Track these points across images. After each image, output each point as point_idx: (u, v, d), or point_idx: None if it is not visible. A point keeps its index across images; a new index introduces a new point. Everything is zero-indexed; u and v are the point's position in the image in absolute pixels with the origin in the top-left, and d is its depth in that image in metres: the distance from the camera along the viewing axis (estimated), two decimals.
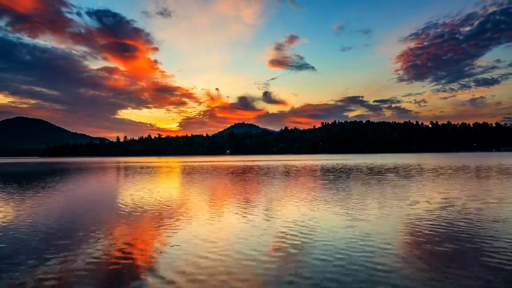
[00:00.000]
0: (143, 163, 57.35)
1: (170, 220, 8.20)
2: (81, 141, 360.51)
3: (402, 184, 15.91)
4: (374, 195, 12.02)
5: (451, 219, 7.83)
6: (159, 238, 6.52)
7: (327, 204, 10.19)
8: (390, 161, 49.86)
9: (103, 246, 5.96)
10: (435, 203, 10.11)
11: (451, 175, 20.68)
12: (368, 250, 5.53)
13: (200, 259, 5.19)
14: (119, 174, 27.59)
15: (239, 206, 10.20)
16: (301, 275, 4.50)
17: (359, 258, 5.12)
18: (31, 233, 7.02)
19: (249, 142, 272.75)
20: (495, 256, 5.13)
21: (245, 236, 6.56)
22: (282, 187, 15.35)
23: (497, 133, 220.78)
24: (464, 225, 7.26)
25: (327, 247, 5.76)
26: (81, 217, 8.78)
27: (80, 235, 6.83)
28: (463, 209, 9.14)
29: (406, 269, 4.64)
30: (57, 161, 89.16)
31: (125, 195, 13.42)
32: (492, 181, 16.60)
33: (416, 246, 5.76)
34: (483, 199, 10.88)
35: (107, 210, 9.79)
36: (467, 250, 5.46)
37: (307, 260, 5.10)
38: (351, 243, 5.95)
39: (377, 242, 5.98)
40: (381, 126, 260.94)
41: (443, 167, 30.54)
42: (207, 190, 14.49)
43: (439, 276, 4.39)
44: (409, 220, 7.80)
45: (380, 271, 4.60)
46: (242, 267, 4.83)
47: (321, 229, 7.02)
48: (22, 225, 7.83)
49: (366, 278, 4.37)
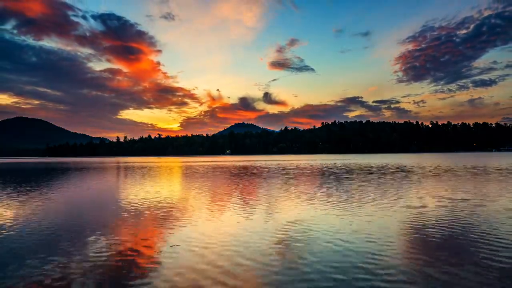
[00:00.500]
0: (144, 163, 57.35)
1: (171, 220, 8.19)
2: (81, 141, 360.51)
3: (402, 183, 15.92)
4: (374, 195, 12.03)
5: (452, 218, 7.83)
6: (159, 238, 6.51)
7: (327, 204, 10.18)
8: (390, 161, 49.86)
9: (104, 246, 5.96)
10: (437, 202, 10.12)
11: (456, 175, 20.68)
12: (368, 249, 5.52)
13: (201, 259, 5.18)
14: (120, 174, 27.60)
15: (240, 205, 10.19)
16: (302, 275, 4.48)
17: (359, 258, 5.10)
18: (33, 233, 7.02)
19: (249, 142, 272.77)
20: (495, 254, 5.11)
21: (246, 236, 6.55)
22: (282, 186, 15.36)
23: (497, 133, 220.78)
24: (467, 224, 7.26)
25: (327, 246, 5.76)
26: (81, 216, 8.78)
27: (81, 234, 6.82)
28: (465, 208, 9.14)
29: (405, 269, 4.62)
30: (57, 161, 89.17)
31: (125, 195, 13.42)
32: (498, 181, 16.59)
33: (416, 245, 5.75)
34: (486, 198, 10.89)
35: (107, 210, 9.78)
36: (468, 249, 5.45)
37: (308, 259, 5.08)
38: (352, 243, 5.94)
39: (377, 241, 5.97)
40: (381, 126, 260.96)
41: (452, 168, 30.51)
42: (207, 190, 14.50)
43: (438, 275, 4.38)
44: (409, 220, 7.79)
45: (380, 270, 4.58)
46: (242, 266, 4.82)
47: (321, 229, 7.01)
48: (22, 225, 7.83)
49: (365, 278, 4.37)
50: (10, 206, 10.82)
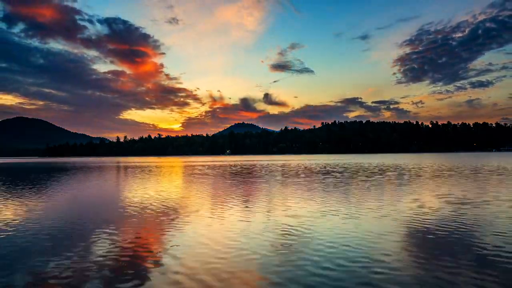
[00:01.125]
0: (144, 163, 57.33)
1: (171, 220, 8.15)
2: (81, 141, 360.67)
3: (400, 183, 15.89)
4: (374, 194, 12.01)
5: (451, 217, 7.79)
6: (161, 237, 6.48)
7: (328, 204, 10.16)
8: (390, 161, 49.82)
9: (105, 245, 5.93)
10: (436, 202, 10.10)
11: (459, 175, 20.65)
12: (368, 250, 5.49)
13: (201, 259, 5.15)
14: (121, 174, 27.59)
15: (241, 205, 10.16)
16: (302, 275, 4.47)
17: (359, 258, 5.08)
18: (36, 233, 6.99)
19: (249, 142, 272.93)
20: (493, 253, 5.08)
21: (246, 235, 6.51)
22: (282, 186, 15.35)
23: (497, 133, 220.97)
24: (466, 224, 7.23)
25: (328, 246, 5.72)
26: (81, 216, 8.74)
27: (81, 235, 6.78)
28: (463, 208, 9.12)
29: (406, 268, 4.59)
30: (57, 161, 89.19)
31: (126, 194, 13.39)
32: (497, 182, 16.57)
33: (415, 244, 5.72)
34: (486, 197, 10.86)
35: (108, 209, 9.76)
36: (469, 248, 5.42)
37: (308, 259, 5.06)
38: (352, 243, 5.90)
39: (377, 241, 5.94)
40: (381, 126, 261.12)
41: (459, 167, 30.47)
42: (208, 189, 14.47)
43: (438, 274, 4.35)
44: (408, 219, 7.75)
45: (379, 269, 4.56)
46: (243, 266, 4.80)
47: (322, 229, 6.98)
48: (24, 226, 7.81)
49: (366, 277, 4.37)
50: (10, 205, 10.80)
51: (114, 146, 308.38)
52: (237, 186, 15.74)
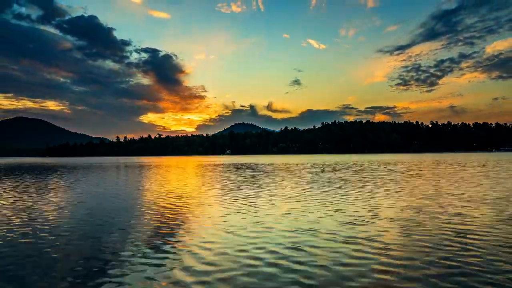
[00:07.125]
0: (144, 163, 57.29)
1: (170, 220, 8.19)
2: (81, 141, 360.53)
3: (396, 180, 15.90)
4: (373, 193, 12.02)
5: (447, 215, 7.82)
6: (160, 238, 6.51)
7: (328, 203, 10.19)
8: (391, 160, 49.80)
9: (105, 246, 5.96)
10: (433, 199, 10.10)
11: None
12: (368, 249, 5.52)
13: (203, 258, 5.19)
14: (120, 174, 27.57)
15: (241, 204, 10.19)
16: (302, 274, 4.50)
17: (360, 258, 5.10)
18: (44, 232, 7.02)
19: (249, 142, 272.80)
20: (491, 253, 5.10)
21: (247, 235, 6.55)
22: (283, 186, 15.37)
23: (497, 133, 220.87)
24: (465, 223, 7.25)
25: (327, 246, 5.75)
26: (87, 216, 8.78)
27: (81, 234, 6.82)
28: (460, 205, 9.12)
29: (405, 268, 4.62)
30: (56, 161, 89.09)
31: (130, 194, 13.40)
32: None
33: (414, 243, 5.74)
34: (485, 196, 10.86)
35: (108, 209, 9.77)
36: (468, 247, 5.45)
37: (308, 258, 5.09)
38: (352, 243, 5.94)
39: (376, 240, 5.97)
40: (381, 126, 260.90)
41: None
42: (210, 189, 14.49)
43: (437, 273, 4.37)
44: (407, 218, 7.78)
45: (379, 268, 4.58)
46: (243, 266, 4.83)
47: (322, 228, 7.01)
48: (27, 226, 7.82)
49: (365, 277, 4.39)
50: (13, 204, 10.81)
51: (114, 146, 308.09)
52: (240, 185, 15.74)
